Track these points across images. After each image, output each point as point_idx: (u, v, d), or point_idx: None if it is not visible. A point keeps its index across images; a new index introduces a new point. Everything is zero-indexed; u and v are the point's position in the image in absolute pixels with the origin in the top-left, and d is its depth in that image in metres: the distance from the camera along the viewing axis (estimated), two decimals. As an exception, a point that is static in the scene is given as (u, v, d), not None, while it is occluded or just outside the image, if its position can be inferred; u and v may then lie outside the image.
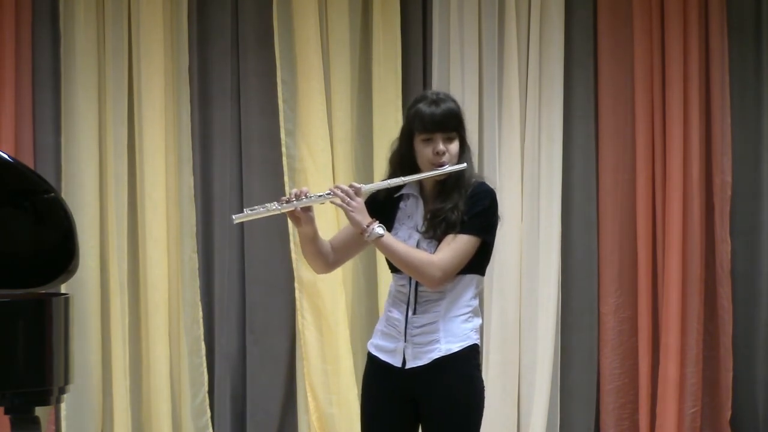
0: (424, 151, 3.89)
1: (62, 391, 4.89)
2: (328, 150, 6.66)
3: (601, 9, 6.76)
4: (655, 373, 6.69)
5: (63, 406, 6.43)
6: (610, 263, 6.77)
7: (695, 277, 6.64)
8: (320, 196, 3.88)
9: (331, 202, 3.89)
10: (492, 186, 3.96)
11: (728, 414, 6.69)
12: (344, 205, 3.84)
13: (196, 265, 6.66)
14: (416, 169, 3.92)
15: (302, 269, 6.62)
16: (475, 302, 3.95)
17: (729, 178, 6.68)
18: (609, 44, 6.76)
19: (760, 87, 6.76)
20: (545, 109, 6.71)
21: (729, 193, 6.69)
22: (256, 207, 3.88)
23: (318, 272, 4.07)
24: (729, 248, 6.68)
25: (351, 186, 3.88)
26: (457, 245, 3.84)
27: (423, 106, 3.89)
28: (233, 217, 3.93)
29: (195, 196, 6.69)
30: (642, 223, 6.69)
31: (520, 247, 6.67)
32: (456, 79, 6.64)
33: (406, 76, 6.75)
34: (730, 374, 6.67)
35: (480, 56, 6.68)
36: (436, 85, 6.64)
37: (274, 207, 3.86)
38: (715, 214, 6.70)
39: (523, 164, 6.72)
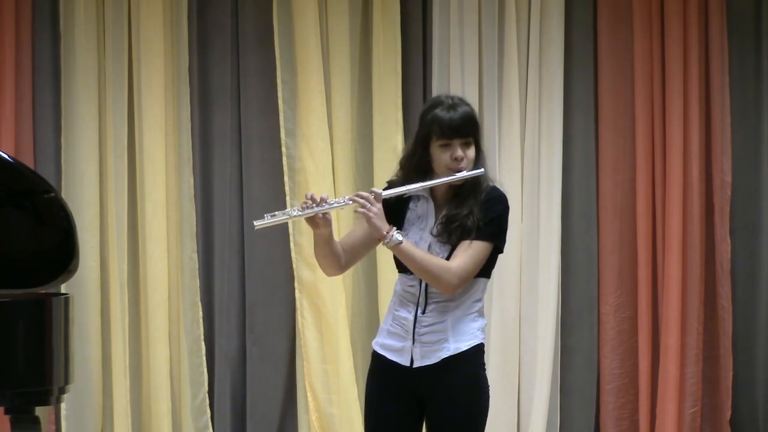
0: (441, 157, 3.88)
1: (62, 391, 4.89)
2: (328, 150, 6.66)
3: (601, 9, 6.76)
4: (655, 373, 6.69)
5: (63, 405, 6.43)
6: (610, 263, 6.77)
7: (695, 277, 6.64)
8: (341, 202, 3.86)
9: (355, 211, 3.87)
10: (503, 189, 3.97)
11: (728, 414, 6.69)
12: (365, 211, 3.83)
13: (196, 265, 6.66)
14: (431, 173, 3.91)
15: (302, 269, 6.62)
16: (481, 303, 3.97)
17: (729, 178, 6.68)
18: (609, 44, 6.76)
19: (760, 87, 6.76)
20: (545, 110, 6.71)
21: (729, 193, 6.69)
22: (276, 213, 3.87)
23: (330, 274, 4.06)
24: (729, 248, 6.68)
25: (372, 192, 3.86)
26: (473, 252, 3.85)
27: (441, 112, 3.88)
28: (254, 223, 3.91)
29: (195, 196, 6.69)
30: (642, 223, 6.69)
31: (520, 247, 6.66)
32: (456, 79, 6.64)
33: (406, 76, 6.75)
34: (730, 374, 6.67)
35: (480, 56, 6.68)
36: (436, 84, 6.64)
37: (296, 213, 3.85)
38: (715, 214, 6.70)
39: (523, 164, 6.72)
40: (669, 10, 6.65)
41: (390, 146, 6.55)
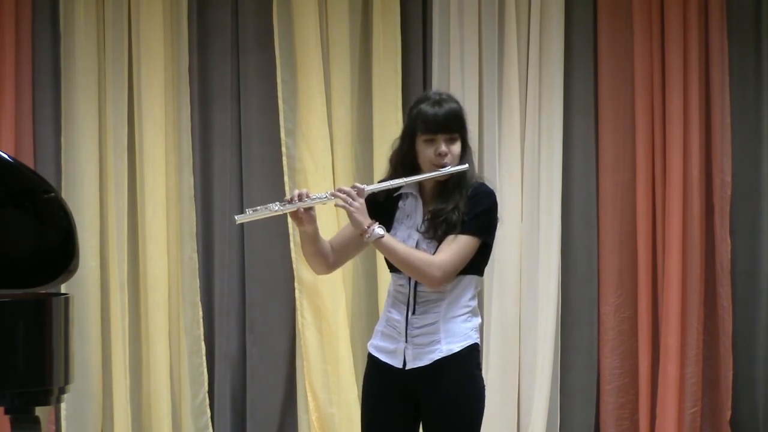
0: (426, 152, 3.89)
1: (62, 391, 4.89)
2: (328, 150, 6.66)
3: (601, 9, 6.76)
4: (655, 373, 6.69)
5: (63, 406, 6.43)
6: (610, 263, 6.77)
7: (695, 276, 6.64)
8: (323, 197, 3.87)
9: (335, 204, 3.88)
10: (492, 187, 3.97)
11: (728, 414, 6.69)
12: (346, 205, 3.84)
13: (196, 265, 6.66)
14: (417, 169, 3.93)
15: (302, 269, 6.62)
16: (474, 302, 3.96)
17: (729, 178, 6.68)
18: (609, 44, 6.76)
19: (760, 87, 6.76)
20: (545, 109, 6.71)
21: (729, 193, 6.69)
22: (258, 207, 3.89)
23: (318, 273, 4.07)
24: (729, 248, 6.68)
25: (354, 187, 3.86)
26: (457, 246, 3.85)
27: (426, 107, 3.89)
28: (235, 217, 3.94)
29: (195, 196, 6.69)
30: (642, 223, 6.69)
31: (520, 247, 6.67)
32: (456, 79, 6.64)
33: (406, 76, 6.75)
34: (730, 374, 6.67)
35: (480, 56, 6.68)
36: (437, 85, 6.64)
37: (277, 207, 3.86)
38: (715, 214, 6.70)
39: (523, 164, 6.72)
40: (669, 10, 6.65)
41: (390, 146, 6.54)
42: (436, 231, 3.88)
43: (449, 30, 6.66)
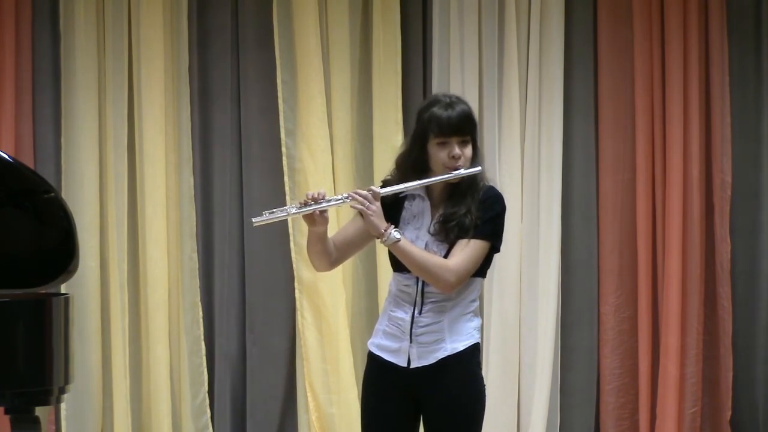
0: (439, 155, 3.89)
1: (62, 391, 4.89)
2: (328, 150, 6.66)
3: (601, 9, 6.76)
4: (655, 373, 6.69)
5: (63, 406, 6.43)
6: (610, 263, 6.77)
7: (695, 276, 6.64)
8: (339, 200, 3.88)
9: (351, 206, 3.88)
10: (499, 189, 3.98)
11: (728, 414, 6.69)
12: (363, 209, 3.85)
13: (196, 265, 6.66)
14: (428, 172, 3.92)
15: (302, 269, 6.62)
16: (477, 303, 3.98)
17: (729, 178, 6.69)
18: (609, 44, 6.76)
19: (760, 87, 6.76)
20: (545, 110, 6.71)
21: (729, 193, 6.69)
22: (275, 210, 3.89)
23: (320, 270, 4.08)
24: (729, 248, 6.68)
25: (370, 190, 3.87)
26: (471, 250, 3.86)
27: (439, 110, 3.88)
28: (253, 220, 3.93)
29: (195, 196, 6.69)
30: (642, 223, 6.70)
31: (520, 247, 6.67)
32: (456, 79, 6.64)
33: (406, 76, 6.75)
34: (730, 374, 6.67)
35: (480, 56, 6.68)
36: (436, 84, 6.64)
37: (294, 210, 3.87)
38: (715, 214, 6.70)
39: (523, 164, 6.72)
40: (669, 10, 6.65)
41: (390, 146, 6.55)
42: (447, 234, 3.89)
43: (449, 30, 6.66)
